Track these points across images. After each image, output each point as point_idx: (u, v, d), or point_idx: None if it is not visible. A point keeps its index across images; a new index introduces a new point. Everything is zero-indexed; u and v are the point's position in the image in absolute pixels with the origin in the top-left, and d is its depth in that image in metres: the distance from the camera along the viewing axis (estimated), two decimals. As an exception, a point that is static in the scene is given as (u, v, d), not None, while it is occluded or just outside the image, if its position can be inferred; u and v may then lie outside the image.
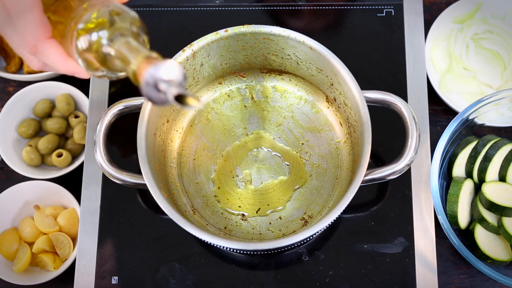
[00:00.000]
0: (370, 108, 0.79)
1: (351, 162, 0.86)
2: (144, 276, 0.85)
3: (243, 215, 0.86)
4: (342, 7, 0.98)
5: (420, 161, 0.89)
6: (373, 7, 0.98)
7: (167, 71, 0.52)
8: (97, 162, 0.79)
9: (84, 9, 0.60)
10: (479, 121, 0.93)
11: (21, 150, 1.03)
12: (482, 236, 0.88)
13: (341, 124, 0.89)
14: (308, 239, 0.80)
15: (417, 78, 0.93)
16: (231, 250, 0.82)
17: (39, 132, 1.06)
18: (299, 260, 0.85)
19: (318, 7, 0.98)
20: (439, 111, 1.02)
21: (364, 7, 0.98)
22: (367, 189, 0.88)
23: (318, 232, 0.75)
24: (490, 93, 0.94)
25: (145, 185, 0.76)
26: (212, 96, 0.93)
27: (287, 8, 0.99)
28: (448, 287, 0.93)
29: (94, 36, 0.58)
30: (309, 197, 0.86)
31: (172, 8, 1.00)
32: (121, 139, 0.90)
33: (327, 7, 0.98)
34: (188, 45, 0.81)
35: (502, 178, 0.90)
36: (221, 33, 0.82)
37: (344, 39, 0.97)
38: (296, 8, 0.99)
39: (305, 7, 0.99)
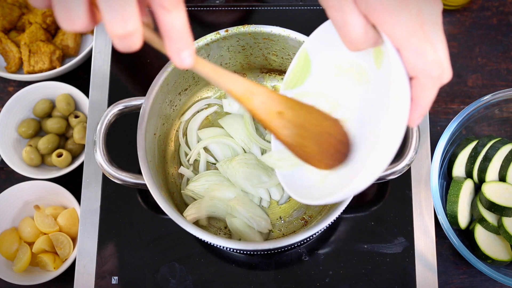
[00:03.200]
0: (370, 108, 0.79)
1: (351, 162, 0.86)
2: (144, 276, 0.85)
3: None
4: (342, 7, 0.98)
5: (420, 161, 0.89)
6: (373, 7, 0.98)
7: None
8: (97, 162, 0.79)
9: None
10: (479, 121, 0.93)
11: (21, 150, 1.03)
12: (482, 236, 0.88)
13: (341, 124, 0.89)
14: (308, 239, 0.80)
15: (417, 78, 0.93)
16: (231, 250, 0.82)
17: (39, 132, 1.05)
18: (299, 260, 0.85)
19: (318, 7, 0.98)
20: (439, 111, 1.02)
21: (364, 7, 0.98)
22: (367, 189, 0.87)
23: (318, 232, 0.75)
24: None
25: (145, 185, 0.76)
26: (212, 96, 0.93)
27: (287, 8, 0.99)
28: (448, 287, 0.93)
29: None
30: (309, 197, 0.86)
31: (172, 8, 0.99)
32: (121, 139, 0.90)
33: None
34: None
35: (502, 178, 0.90)
36: (221, 33, 0.81)
37: (344, 39, 0.96)
38: (296, 8, 0.99)
39: (306, 7, 0.99)
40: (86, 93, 1.01)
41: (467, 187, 0.90)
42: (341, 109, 0.68)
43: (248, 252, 0.85)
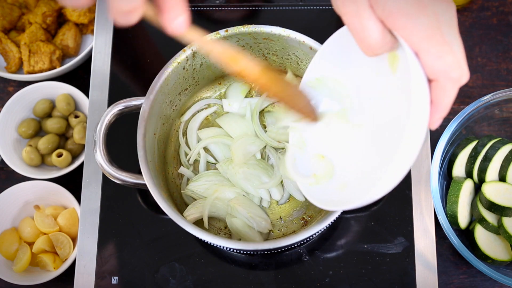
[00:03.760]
0: (370, 108, 0.79)
1: (351, 162, 0.86)
2: (144, 276, 0.85)
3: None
4: (342, 7, 0.98)
5: (420, 161, 0.89)
6: (373, 7, 0.98)
7: None
8: (97, 162, 0.79)
9: None
10: (479, 121, 0.93)
11: (21, 150, 1.03)
12: (482, 236, 0.88)
13: (341, 124, 0.89)
14: (308, 239, 0.80)
15: (417, 78, 0.93)
16: (231, 250, 0.82)
17: (39, 132, 1.06)
18: (299, 260, 0.85)
19: (318, 7, 0.98)
20: (439, 111, 1.02)
21: (364, 7, 0.98)
22: (367, 189, 0.88)
23: (318, 232, 0.75)
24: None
25: (145, 185, 0.76)
26: (212, 96, 0.93)
27: (287, 8, 0.99)
28: (448, 287, 0.93)
29: None
30: (309, 197, 0.86)
31: (172, 8, 0.99)
32: (121, 139, 0.90)
33: (327, 7, 0.98)
34: (188, 45, 0.81)
35: (502, 178, 0.90)
36: (221, 33, 0.81)
37: (344, 39, 0.96)
38: (296, 8, 0.99)
39: (306, 7, 0.99)
40: (86, 93, 1.01)
41: (467, 187, 0.90)
42: (356, 116, 0.69)
43: (248, 252, 0.85)
